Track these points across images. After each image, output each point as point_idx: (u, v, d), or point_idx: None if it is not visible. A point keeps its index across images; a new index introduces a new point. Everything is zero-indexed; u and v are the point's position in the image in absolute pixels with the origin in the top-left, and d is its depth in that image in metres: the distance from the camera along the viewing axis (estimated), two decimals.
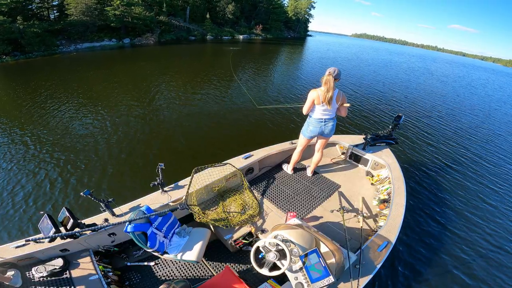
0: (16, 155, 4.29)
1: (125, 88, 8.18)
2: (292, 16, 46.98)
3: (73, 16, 16.69)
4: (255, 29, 36.45)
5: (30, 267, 1.82)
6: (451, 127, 7.74)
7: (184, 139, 5.18)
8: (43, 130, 5.21)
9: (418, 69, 23.34)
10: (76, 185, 3.65)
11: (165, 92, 7.97)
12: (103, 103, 6.80)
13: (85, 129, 5.33)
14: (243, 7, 34.42)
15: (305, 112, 2.74)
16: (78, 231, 1.72)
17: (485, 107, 11.30)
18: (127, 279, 2.11)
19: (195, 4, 27.12)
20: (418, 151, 5.65)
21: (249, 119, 6.43)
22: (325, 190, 2.98)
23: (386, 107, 8.72)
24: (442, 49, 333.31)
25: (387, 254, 1.95)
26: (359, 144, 3.42)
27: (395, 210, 2.38)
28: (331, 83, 2.45)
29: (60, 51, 14.91)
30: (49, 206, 3.28)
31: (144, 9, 20.22)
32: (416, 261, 2.92)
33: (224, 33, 30.47)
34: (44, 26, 14.86)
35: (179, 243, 2.08)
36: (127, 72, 10.33)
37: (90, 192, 1.88)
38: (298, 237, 1.77)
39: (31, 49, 13.16)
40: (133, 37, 20.46)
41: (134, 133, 5.25)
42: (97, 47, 17.29)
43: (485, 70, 41.10)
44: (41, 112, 6.04)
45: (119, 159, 4.35)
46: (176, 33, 24.36)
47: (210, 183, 2.61)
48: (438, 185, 4.43)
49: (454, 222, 3.62)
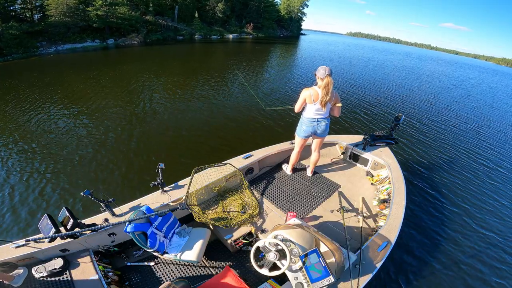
0: (16, 155, 4.29)
1: (114, 90, 8.14)
2: (284, 14, 46.44)
3: (53, 17, 16.24)
4: (246, 28, 35.77)
5: (30, 267, 1.82)
6: (451, 127, 7.74)
7: (184, 139, 5.18)
8: (36, 132, 5.21)
9: (416, 69, 23.36)
10: (76, 185, 3.65)
11: (159, 94, 7.97)
12: (91, 104, 6.78)
13: (84, 129, 5.33)
14: (234, 6, 33.70)
15: (296, 110, 2.75)
16: (78, 231, 1.72)
17: (485, 108, 11.31)
18: (127, 279, 2.11)
19: (184, 3, 26.58)
20: (418, 151, 5.65)
21: (249, 119, 6.43)
22: (325, 190, 2.98)
23: (386, 107, 8.72)
24: (435, 47, 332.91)
25: (387, 254, 1.95)
26: (359, 144, 3.42)
27: (395, 210, 2.38)
28: (330, 87, 2.45)
29: (39, 53, 14.42)
30: (49, 206, 3.28)
31: (129, 8, 19.75)
32: (416, 261, 2.92)
33: (213, 32, 29.79)
34: (24, 27, 14.44)
35: (179, 243, 2.08)
36: (121, 73, 10.32)
37: (90, 192, 1.88)
38: (298, 237, 1.77)
39: (9, 51, 12.80)
40: (117, 37, 19.90)
41: (133, 133, 5.24)
42: (79, 48, 16.67)
43: (483, 70, 41.08)
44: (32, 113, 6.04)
45: (119, 159, 4.35)
46: (163, 33, 23.83)
47: (210, 183, 2.61)
48: (438, 185, 4.44)
49: (454, 222, 3.62)
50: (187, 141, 5.14)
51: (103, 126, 5.46)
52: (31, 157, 4.27)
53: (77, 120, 5.71)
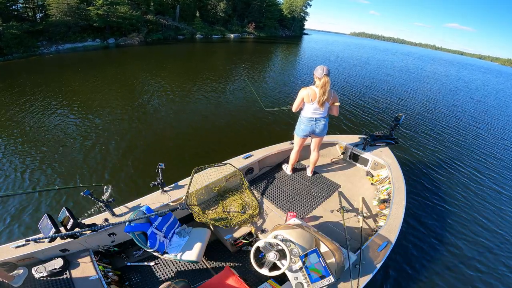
0: (15, 155, 4.30)
1: (114, 89, 8.16)
2: (287, 14, 46.13)
3: (54, 16, 16.24)
4: (247, 27, 35.58)
5: (30, 267, 1.82)
6: (452, 127, 7.74)
7: (184, 139, 5.18)
8: (34, 132, 5.21)
9: (420, 70, 23.34)
10: (76, 185, 3.65)
11: (160, 93, 7.96)
12: (91, 104, 6.79)
13: (83, 129, 5.32)
14: (236, 5, 33.51)
15: (294, 110, 2.77)
16: (78, 231, 1.72)
17: (486, 107, 11.31)
18: (127, 279, 2.11)
19: (186, 2, 26.50)
20: (418, 151, 5.65)
21: (249, 119, 6.43)
22: (325, 190, 2.98)
23: (386, 107, 8.72)
24: (440, 47, 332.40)
25: (387, 254, 1.95)
26: (359, 144, 3.42)
27: (395, 210, 2.38)
28: (327, 87, 2.45)
29: (40, 52, 14.39)
30: (49, 206, 3.28)
31: (130, 8, 19.72)
32: (416, 261, 2.92)
33: (214, 32, 29.61)
34: (25, 27, 14.41)
35: (179, 243, 2.08)
36: (118, 73, 10.32)
37: (90, 192, 1.88)
38: (298, 237, 1.77)
39: (9, 51, 12.82)
40: (118, 37, 19.87)
41: (133, 133, 5.24)
42: (79, 47, 16.63)
43: (487, 71, 40.87)
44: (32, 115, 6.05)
45: (119, 159, 4.35)
46: (163, 32, 23.78)
47: (210, 183, 2.61)
48: (438, 185, 4.44)
49: (455, 222, 3.62)
50: (187, 140, 5.13)
51: (103, 126, 5.46)
52: (31, 157, 4.27)
53: (77, 120, 5.70)
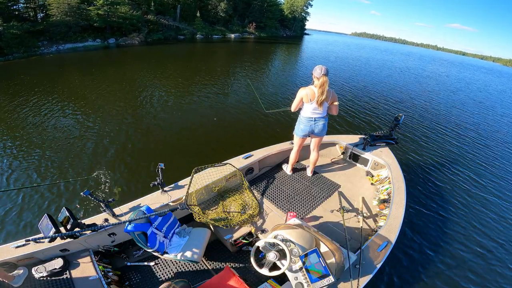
0: (16, 155, 4.30)
1: (114, 89, 8.15)
2: (288, 14, 45.99)
3: (55, 16, 16.25)
4: (248, 27, 35.51)
5: (30, 267, 1.82)
6: (452, 127, 7.74)
7: (184, 139, 5.18)
8: (34, 132, 5.21)
9: (421, 70, 23.32)
10: (76, 185, 3.65)
11: (160, 93, 7.97)
12: (91, 103, 6.79)
13: (82, 128, 5.32)
14: (236, 5, 33.45)
15: (293, 110, 2.78)
16: (78, 231, 1.72)
17: (487, 108, 11.30)
18: (127, 279, 2.11)
19: (186, 2, 26.50)
20: (418, 151, 5.65)
21: (249, 119, 6.43)
22: (325, 190, 2.98)
23: (386, 107, 8.72)
24: (441, 48, 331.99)
25: (387, 254, 1.95)
26: (359, 144, 3.42)
27: (395, 210, 2.38)
28: (325, 86, 2.45)
29: (40, 52, 14.38)
30: (49, 206, 3.28)
31: (130, 8, 19.73)
32: (416, 261, 2.92)
33: (215, 32, 29.61)
34: (25, 27, 14.42)
35: (179, 243, 2.08)
36: (117, 73, 10.32)
37: (90, 192, 1.89)
38: (298, 237, 1.77)
39: (10, 51, 12.82)
40: (118, 37, 19.87)
41: (133, 133, 5.24)
42: (80, 47, 16.62)
43: (490, 71, 40.68)
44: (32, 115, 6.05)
45: (120, 158, 4.35)
46: (164, 32, 23.79)
47: (210, 183, 2.61)
48: (438, 185, 4.43)
49: (455, 222, 3.62)
50: (187, 140, 5.14)
51: (103, 126, 5.46)
52: (30, 156, 4.27)
53: (76, 120, 5.70)
